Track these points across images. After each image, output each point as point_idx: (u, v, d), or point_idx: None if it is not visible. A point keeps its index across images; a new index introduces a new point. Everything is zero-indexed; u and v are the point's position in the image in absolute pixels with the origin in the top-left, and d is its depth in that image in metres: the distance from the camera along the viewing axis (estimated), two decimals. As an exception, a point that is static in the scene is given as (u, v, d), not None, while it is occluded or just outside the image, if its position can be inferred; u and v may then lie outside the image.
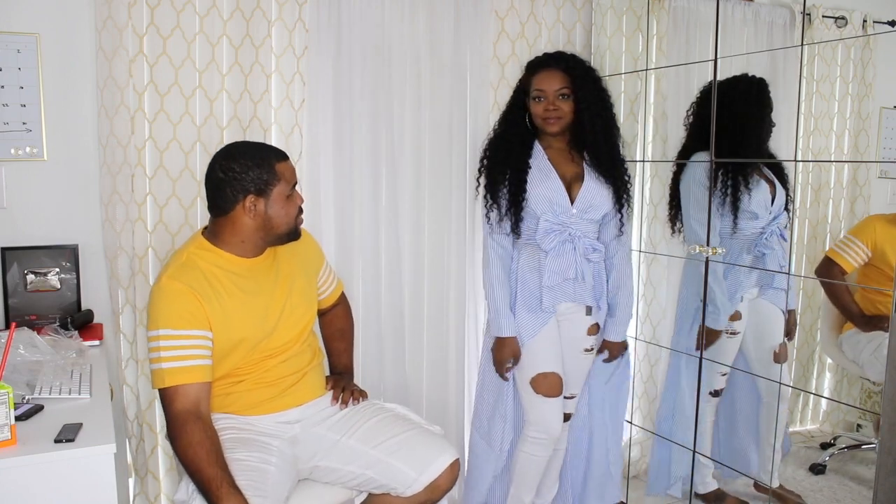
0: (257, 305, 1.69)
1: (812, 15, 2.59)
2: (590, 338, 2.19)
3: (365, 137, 2.34)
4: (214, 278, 1.63)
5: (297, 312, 1.77)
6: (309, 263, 1.88)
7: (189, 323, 1.58)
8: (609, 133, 2.13)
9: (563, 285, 2.11)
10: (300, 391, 1.79)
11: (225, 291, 1.64)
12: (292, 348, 1.77)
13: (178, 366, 1.56)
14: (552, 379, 2.14)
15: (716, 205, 2.24)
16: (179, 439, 1.53)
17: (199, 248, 1.67)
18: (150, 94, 2.08)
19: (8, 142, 2.01)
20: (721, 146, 2.14)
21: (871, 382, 2.54)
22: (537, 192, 2.09)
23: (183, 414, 1.54)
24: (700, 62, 2.57)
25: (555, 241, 2.08)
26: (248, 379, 1.73)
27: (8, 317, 1.98)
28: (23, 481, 1.27)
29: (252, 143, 1.77)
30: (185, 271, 1.61)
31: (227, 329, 1.63)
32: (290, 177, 1.68)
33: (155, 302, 1.60)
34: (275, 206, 1.65)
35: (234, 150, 1.67)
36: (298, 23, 2.20)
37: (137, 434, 2.15)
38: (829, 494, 2.56)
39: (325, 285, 1.97)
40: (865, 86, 2.65)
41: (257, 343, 1.70)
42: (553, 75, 2.08)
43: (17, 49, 1.99)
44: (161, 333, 1.57)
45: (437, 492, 1.72)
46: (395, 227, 2.42)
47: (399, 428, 1.78)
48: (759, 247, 2.32)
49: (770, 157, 2.34)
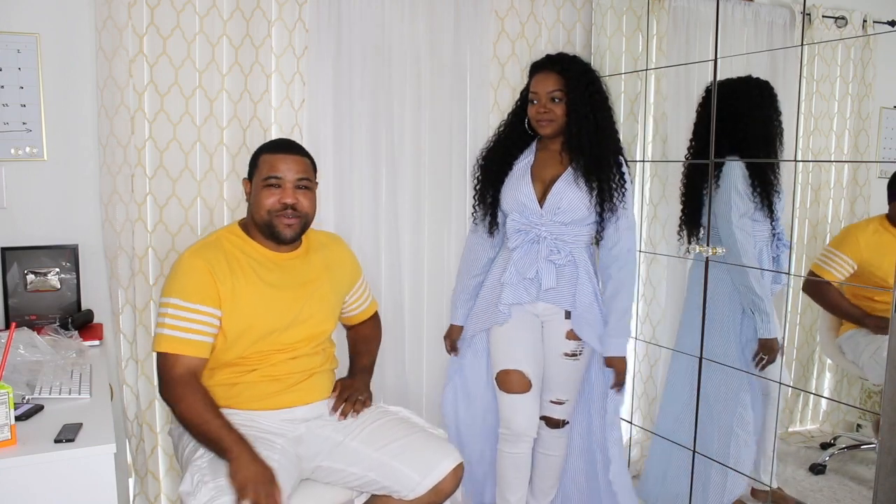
0: (273, 297, 1.73)
1: (812, 15, 2.59)
2: (569, 343, 2.12)
3: (365, 137, 2.34)
4: (235, 261, 1.72)
5: (315, 319, 1.80)
6: (341, 277, 1.92)
7: (200, 298, 1.66)
8: (597, 136, 2.05)
9: (521, 283, 2.09)
10: (307, 390, 1.80)
11: (243, 275, 1.71)
12: (303, 349, 1.79)
13: (180, 336, 1.64)
14: (514, 376, 2.13)
15: (753, 208, 2.23)
16: (182, 401, 1.62)
17: (230, 232, 1.79)
18: (150, 94, 2.08)
19: (8, 142, 2.01)
20: (746, 147, 2.14)
21: (871, 383, 2.53)
22: (506, 191, 2.12)
23: (184, 377, 1.63)
24: (700, 62, 2.57)
25: (520, 240, 2.09)
26: (255, 370, 1.75)
27: (8, 317, 1.98)
28: (23, 481, 1.27)
29: (277, 139, 1.92)
30: (208, 249, 1.72)
31: (237, 312, 1.69)
32: (270, 167, 1.74)
33: (174, 272, 1.71)
34: (254, 193, 1.77)
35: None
36: (298, 23, 2.20)
37: (137, 434, 2.15)
38: (828, 494, 2.56)
39: (356, 303, 2.02)
40: (865, 86, 2.65)
41: (266, 335, 1.73)
42: (547, 77, 2.06)
43: (17, 49, 1.99)
44: (172, 301, 1.66)
45: (440, 495, 1.71)
46: (395, 227, 2.42)
47: (403, 431, 1.78)
48: (773, 249, 2.32)
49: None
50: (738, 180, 2.23)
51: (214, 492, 1.47)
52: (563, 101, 2.05)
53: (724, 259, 2.23)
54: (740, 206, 2.23)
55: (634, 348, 2.76)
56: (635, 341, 2.75)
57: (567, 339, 2.13)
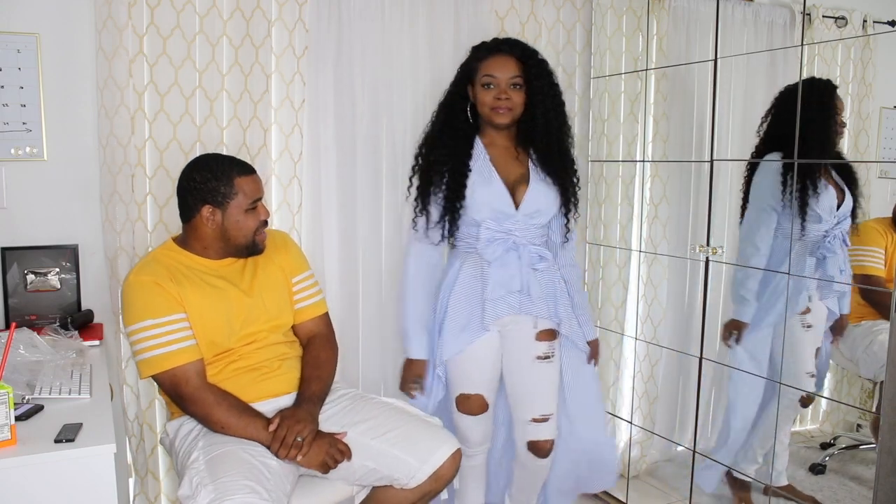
0: (221, 298, 1.75)
1: (812, 15, 2.59)
2: (540, 344, 2.00)
3: (365, 137, 2.34)
4: (178, 272, 1.72)
5: (269, 314, 1.82)
6: (282, 262, 1.89)
7: (166, 309, 1.66)
8: (561, 131, 1.97)
9: (506, 298, 1.96)
10: (285, 377, 1.81)
11: (189, 283, 1.72)
12: (268, 339, 1.81)
13: (172, 350, 1.65)
14: (475, 400, 2.04)
15: (784, 205, 2.23)
16: (213, 412, 1.65)
17: (167, 248, 1.80)
18: (150, 94, 2.08)
19: (8, 142, 2.01)
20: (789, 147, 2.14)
21: (866, 380, 2.54)
22: (477, 198, 1.93)
23: (199, 387, 1.66)
24: (700, 62, 2.57)
25: (499, 249, 1.93)
26: (231, 364, 1.76)
27: (8, 317, 1.98)
28: (23, 481, 1.27)
29: (220, 155, 1.84)
30: (149, 267, 1.72)
31: (192, 317, 1.70)
32: (252, 191, 1.75)
33: (128, 297, 1.69)
34: (231, 219, 1.73)
35: (199, 162, 1.78)
36: (298, 23, 2.20)
37: (137, 434, 2.15)
38: (829, 494, 2.56)
39: (304, 292, 1.93)
40: (865, 86, 2.65)
41: (226, 336, 1.74)
42: (507, 62, 1.91)
43: (17, 49, 1.99)
44: (145, 325, 1.65)
45: (440, 482, 1.72)
46: (396, 227, 2.41)
47: (399, 420, 1.79)
48: (821, 249, 2.29)
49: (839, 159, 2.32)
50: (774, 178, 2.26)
51: (214, 493, 1.47)
52: (522, 88, 1.92)
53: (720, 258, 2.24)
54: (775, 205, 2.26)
55: (635, 348, 2.77)
56: (635, 341, 2.75)
57: (538, 340, 2.01)
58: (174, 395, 1.68)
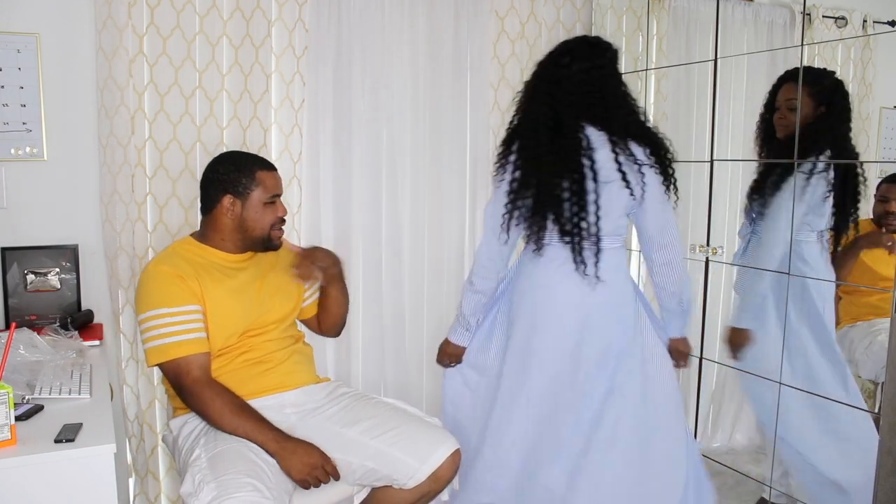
0: (239, 292, 1.78)
1: (812, 15, 2.60)
2: None
3: (365, 137, 2.34)
4: (198, 265, 1.75)
5: (278, 305, 1.86)
6: (290, 262, 1.91)
7: (181, 300, 1.68)
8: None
9: None
10: (290, 371, 1.83)
11: (209, 276, 1.74)
12: (274, 331, 1.84)
13: (179, 339, 1.66)
14: None
15: (811, 205, 2.14)
16: (211, 405, 1.65)
17: (185, 243, 1.82)
18: (150, 94, 2.08)
19: (8, 142, 2.01)
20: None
21: (866, 380, 2.54)
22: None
23: (201, 379, 1.66)
24: (700, 62, 2.57)
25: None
26: (240, 356, 1.78)
27: (8, 317, 1.98)
28: (23, 481, 1.27)
29: (244, 152, 1.90)
30: (171, 259, 1.75)
31: (209, 310, 1.72)
32: (272, 186, 1.79)
33: (145, 285, 1.71)
34: (251, 210, 1.77)
35: (223, 156, 1.85)
36: (298, 23, 2.20)
37: (137, 434, 2.15)
38: (829, 494, 2.56)
39: (312, 289, 2.00)
40: (865, 86, 2.65)
41: (239, 329, 1.77)
42: None
43: (17, 49, 1.99)
44: (158, 312, 1.67)
45: (439, 482, 1.72)
46: (395, 227, 2.42)
47: (399, 420, 1.79)
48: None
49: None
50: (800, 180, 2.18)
51: (216, 491, 1.47)
52: None
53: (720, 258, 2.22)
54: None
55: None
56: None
57: None
58: (175, 385, 1.69)
